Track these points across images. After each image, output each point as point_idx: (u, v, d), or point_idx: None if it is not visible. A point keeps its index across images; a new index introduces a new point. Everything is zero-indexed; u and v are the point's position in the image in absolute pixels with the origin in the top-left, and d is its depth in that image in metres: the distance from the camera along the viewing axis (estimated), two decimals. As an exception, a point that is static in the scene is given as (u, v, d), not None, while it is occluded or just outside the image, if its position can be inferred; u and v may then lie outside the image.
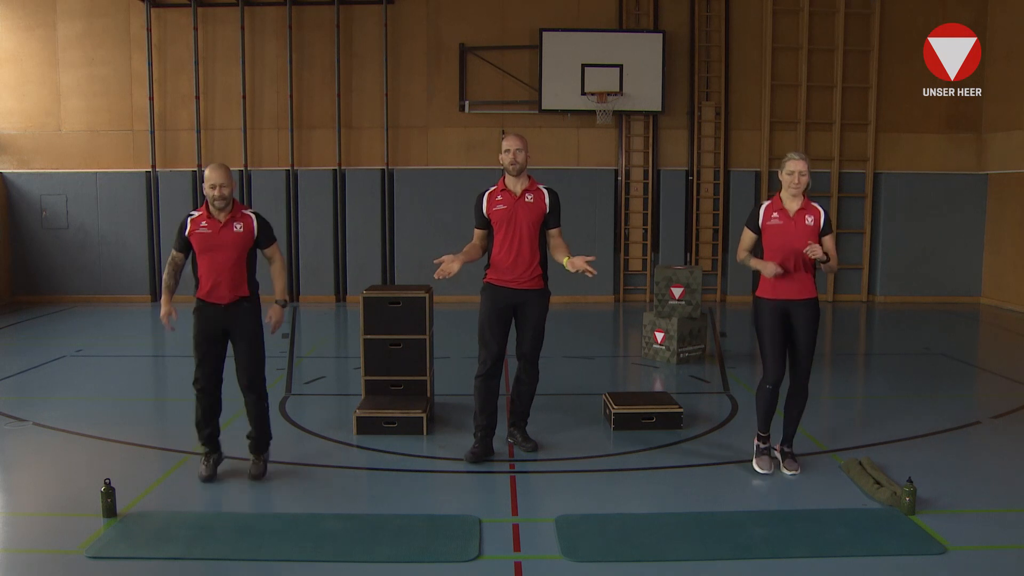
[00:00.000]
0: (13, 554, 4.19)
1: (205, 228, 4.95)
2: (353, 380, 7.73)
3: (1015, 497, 4.90)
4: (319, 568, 4.00)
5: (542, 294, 5.51)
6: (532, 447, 5.66)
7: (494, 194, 5.46)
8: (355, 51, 12.96)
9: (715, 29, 13.00)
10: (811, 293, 5.15)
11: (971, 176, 13.22)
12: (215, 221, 4.96)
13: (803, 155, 5.11)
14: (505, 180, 5.47)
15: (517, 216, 5.38)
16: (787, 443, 5.38)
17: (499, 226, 5.42)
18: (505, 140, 5.45)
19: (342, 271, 13.22)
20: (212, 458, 5.16)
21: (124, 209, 13.04)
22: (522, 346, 5.55)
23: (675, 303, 8.61)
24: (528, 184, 5.45)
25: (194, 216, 5.01)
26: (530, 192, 5.44)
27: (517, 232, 5.37)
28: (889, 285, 13.38)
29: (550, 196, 5.49)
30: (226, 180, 4.93)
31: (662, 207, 13.26)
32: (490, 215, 5.44)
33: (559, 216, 5.50)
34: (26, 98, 12.95)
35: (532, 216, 5.40)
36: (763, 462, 5.31)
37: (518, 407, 5.74)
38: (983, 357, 9.69)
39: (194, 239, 4.97)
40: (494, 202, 5.44)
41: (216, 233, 4.94)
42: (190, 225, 4.98)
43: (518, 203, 5.39)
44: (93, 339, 10.03)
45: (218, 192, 4.91)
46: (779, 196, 5.19)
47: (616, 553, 4.15)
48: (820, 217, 5.10)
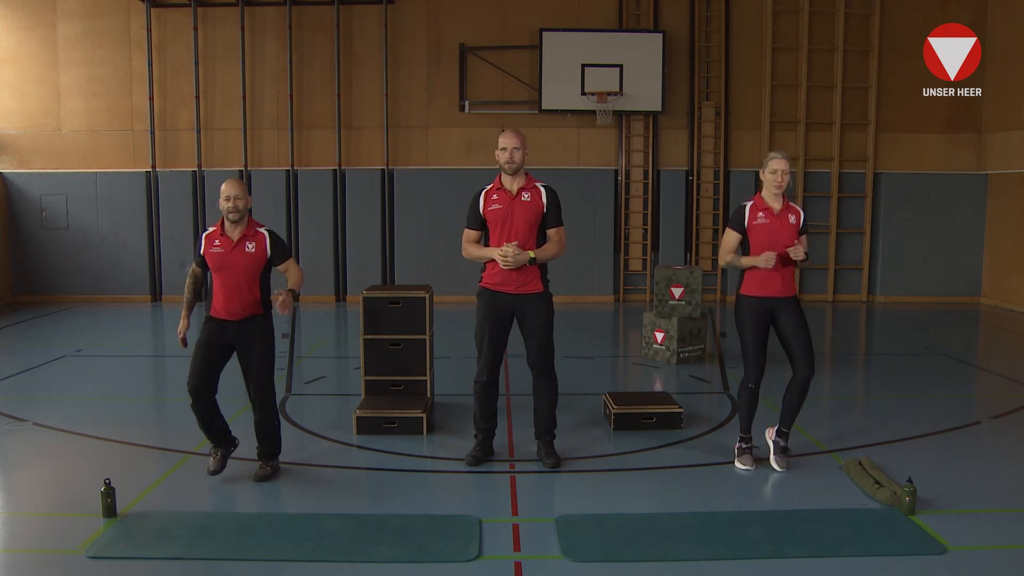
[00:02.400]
0: (13, 554, 4.19)
1: (218, 247, 4.97)
2: (353, 380, 7.73)
3: (1015, 497, 4.90)
4: (319, 568, 4.00)
5: (542, 298, 5.28)
6: (554, 463, 5.33)
7: (490, 193, 5.24)
8: (355, 51, 12.96)
9: (715, 29, 13.00)
10: (793, 291, 5.28)
11: (971, 176, 13.22)
12: (228, 240, 4.97)
13: (784, 154, 5.22)
14: (501, 178, 5.26)
15: (513, 216, 5.16)
16: (783, 436, 5.42)
17: (494, 226, 5.21)
18: (502, 137, 5.21)
19: (342, 271, 13.22)
20: (221, 451, 5.13)
21: (124, 209, 13.04)
22: (530, 355, 5.31)
23: (675, 303, 8.61)
24: (525, 182, 5.24)
25: (208, 233, 5.04)
26: (527, 190, 5.21)
27: (513, 233, 5.15)
28: (889, 285, 13.38)
29: (548, 194, 5.25)
30: (240, 193, 4.94)
31: (662, 207, 13.26)
32: (486, 215, 5.22)
33: (559, 215, 5.25)
34: (26, 98, 12.95)
35: (529, 215, 5.17)
36: (745, 459, 5.36)
37: (540, 419, 5.45)
38: (983, 357, 9.69)
39: (209, 258, 5.00)
40: (490, 201, 5.21)
41: (229, 253, 4.95)
42: (205, 243, 5.02)
43: (515, 202, 5.18)
44: (93, 339, 10.03)
45: (232, 204, 4.91)
46: (760, 196, 5.27)
47: (616, 553, 4.15)
48: (800, 217, 5.26)
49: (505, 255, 5.07)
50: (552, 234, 5.26)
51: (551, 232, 5.26)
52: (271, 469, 5.15)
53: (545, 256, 5.20)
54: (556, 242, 5.24)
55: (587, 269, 13.11)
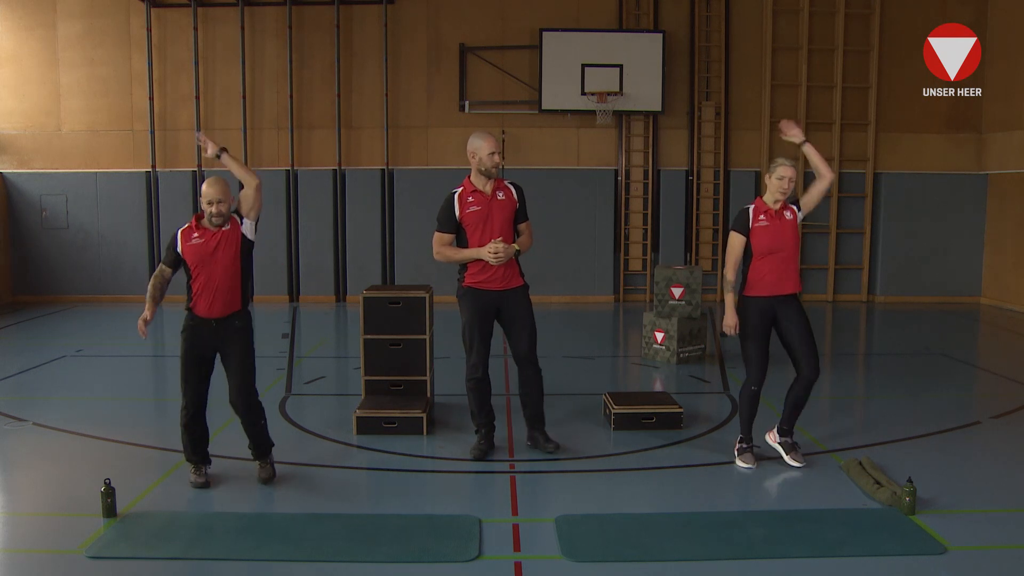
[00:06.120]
0: (13, 554, 4.19)
1: (198, 238, 4.81)
2: (353, 380, 7.73)
3: (1015, 497, 4.90)
4: (319, 568, 4.00)
5: (525, 290, 5.49)
6: (554, 447, 5.55)
7: (464, 195, 5.36)
8: (355, 51, 12.96)
9: (715, 29, 13.00)
10: (797, 287, 5.30)
11: (971, 176, 13.22)
12: (206, 230, 4.83)
13: (792, 162, 5.25)
14: (472, 179, 5.39)
15: (492, 216, 5.31)
16: (788, 434, 5.45)
17: (473, 228, 5.32)
18: (487, 141, 5.32)
19: (342, 271, 13.22)
20: (205, 468, 5.09)
21: (124, 209, 13.03)
22: (518, 347, 5.44)
23: (675, 303, 8.61)
24: (496, 182, 5.40)
25: (184, 228, 4.87)
26: (500, 190, 5.38)
27: (494, 231, 5.29)
28: (889, 285, 13.38)
29: (517, 191, 5.47)
30: (223, 195, 4.78)
31: (662, 207, 13.26)
32: (463, 218, 5.34)
33: (526, 210, 5.50)
34: (26, 98, 12.95)
35: (506, 213, 5.36)
36: (747, 458, 5.38)
37: (531, 411, 5.61)
38: (983, 357, 9.69)
39: (188, 252, 4.81)
40: (466, 204, 5.34)
41: (209, 241, 4.82)
42: (181, 239, 4.83)
43: (492, 202, 5.34)
44: (93, 339, 10.03)
45: (216, 209, 4.77)
46: (762, 199, 5.32)
47: (616, 553, 4.15)
48: (796, 211, 5.30)
49: (496, 252, 5.23)
50: (523, 228, 5.52)
51: (522, 227, 5.51)
52: (271, 467, 5.13)
53: (525, 248, 5.46)
54: (528, 235, 5.53)
55: (587, 269, 13.09)
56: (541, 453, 5.59)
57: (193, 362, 4.91)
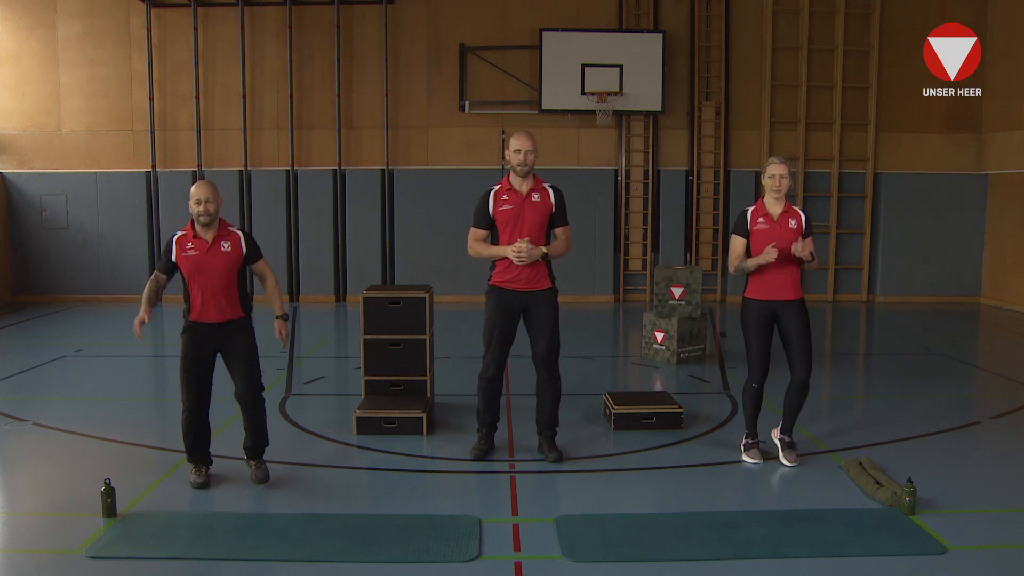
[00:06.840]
0: (13, 554, 4.19)
1: (193, 250, 4.83)
2: (353, 380, 7.73)
3: (1015, 497, 4.90)
4: (319, 568, 4.00)
5: (551, 293, 5.42)
6: (556, 457, 5.42)
7: (499, 193, 5.34)
8: (355, 51, 12.96)
9: (715, 29, 13.00)
10: (798, 294, 5.30)
11: (971, 176, 13.22)
12: (202, 241, 4.85)
13: (783, 159, 5.27)
14: (510, 179, 5.37)
15: (524, 216, 5.27)
16: (787, 433, 5.47)
17: (504, 226, 5.31)
18: (515, 139, 5.31)
19: (342, 271, 13.22)
20: (206, 468, 5.10)
21: (124, 209, 13.03)
22: (538, 350, 5.39)
23: (675, 303, 8.61)
24: (534, 183, 5.35)
25: (179, 236, 4.89)
26: (536, 191, 5.33)
27: (523, 232, 5.25)
28: (889, 285, 13.38)
29: (555, 194, 5.38)
30: (212, 196, 4.83)
31: (662, 207, 13.26)
32: (496, 215, 5.32)
33: (566, 214, 5.40)
34: (26, 98, 12.95)
35: (539, 215, 5.30)
36: (753, 453, 5.43)
37: (543, 416, 5.54)
38: (983, 357, 9.69)
39: (183, 263, 4.84)
40: (500, 201, 5.32)
41: (205, 254, 4.83)
42: (176, 248, 4.86)
43: (525, 202, 5.30)
44: (93, 339, 10.03)
45: (203, 208, 4.80)
46: (762, 201, 5.34)
47: (616, 553, 4.15)
48: (802, 221, 5.29)
49: (519, 251, 5.18)
50: (559, 232, 5.41)
51: (558, 231, 5.41)
52: (265, 468, 5.12)
53: (555, 252, 5.36)
54: (564, 240, 5.41)
55: (587, 269, 13.10)
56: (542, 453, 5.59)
57: (193, 363, 4.92)
